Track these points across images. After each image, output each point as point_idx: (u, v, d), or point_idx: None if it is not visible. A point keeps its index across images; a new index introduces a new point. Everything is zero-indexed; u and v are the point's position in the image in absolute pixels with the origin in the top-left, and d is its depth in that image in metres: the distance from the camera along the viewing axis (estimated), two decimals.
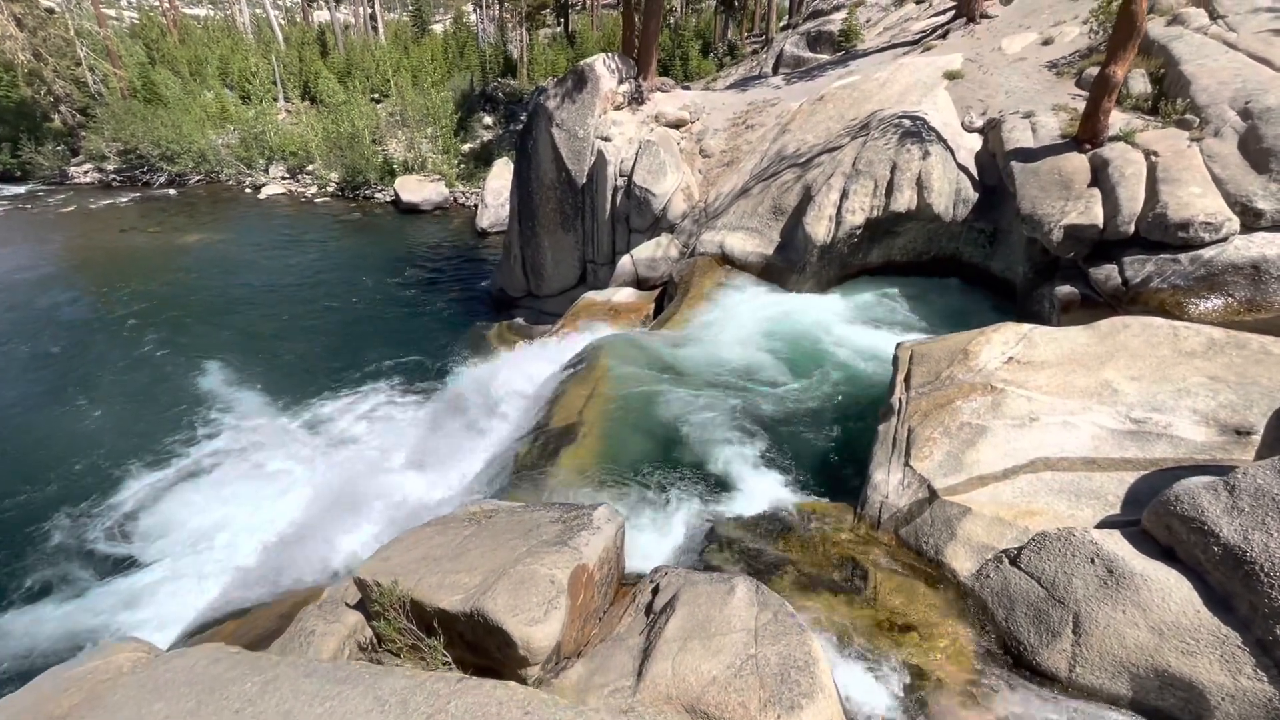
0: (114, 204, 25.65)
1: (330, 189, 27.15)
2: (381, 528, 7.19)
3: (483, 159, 27.40)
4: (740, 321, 9.37)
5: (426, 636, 3.84)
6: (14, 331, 15.30)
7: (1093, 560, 3.77)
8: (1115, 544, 3.81)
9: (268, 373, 13.48)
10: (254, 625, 6.66)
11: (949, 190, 9.76)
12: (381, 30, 41.37)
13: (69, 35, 29.29)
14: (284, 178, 28.33)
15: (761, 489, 5.93)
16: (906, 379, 6.13)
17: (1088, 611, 3.62)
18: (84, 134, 28.95)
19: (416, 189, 25.44)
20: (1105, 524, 4.22)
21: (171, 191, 27.47)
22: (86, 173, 28.69)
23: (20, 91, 28.90)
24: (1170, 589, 3.47)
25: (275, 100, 32.83)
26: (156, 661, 2.61)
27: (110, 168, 28.59)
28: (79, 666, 2.80)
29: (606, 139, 12.70)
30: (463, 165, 27.50)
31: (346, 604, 4.36)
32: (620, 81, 13.48)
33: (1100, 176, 8.11)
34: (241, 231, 22.72)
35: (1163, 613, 3.42)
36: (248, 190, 27.63)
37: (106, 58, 30.41)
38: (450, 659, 3.85)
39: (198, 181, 28.32)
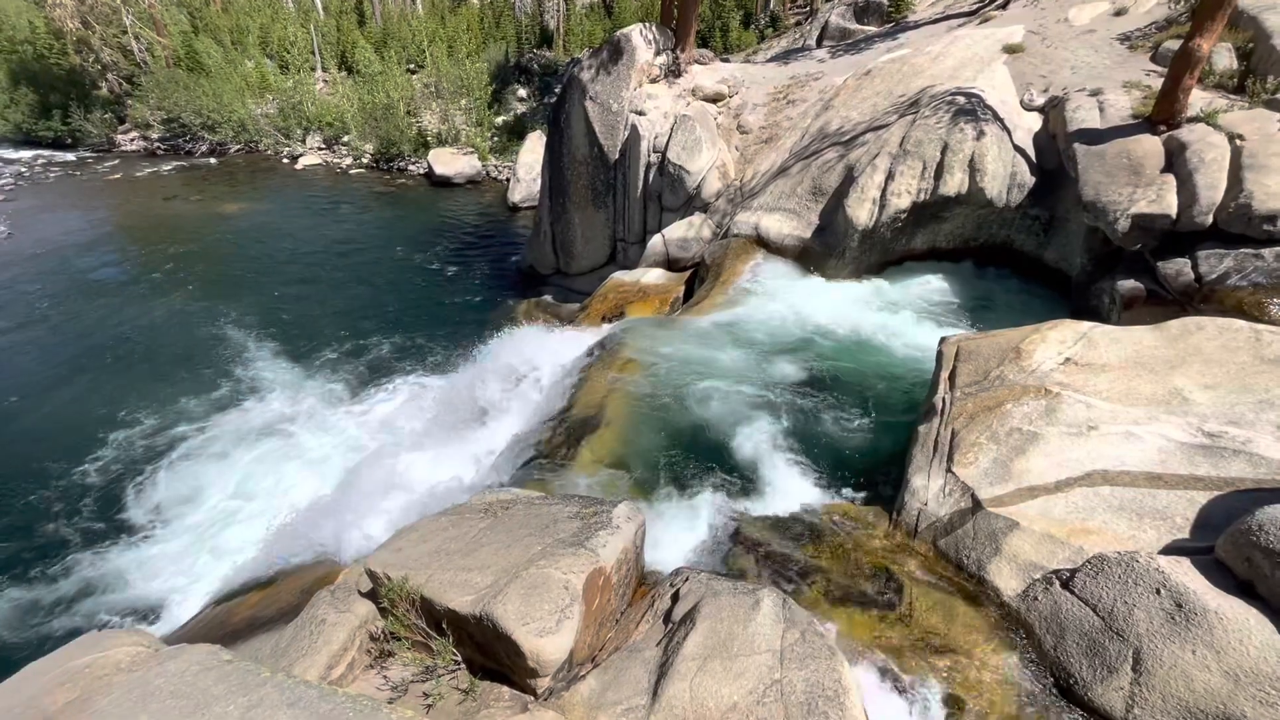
0: (158, 172, 26.18)
1: (365, 160, 27.21)
2: (401, 504, 7.15)
3: (516, 132, 27.03)
4: (773, 309, 9.00)
5: (437, 634, 3.72)
6: (60, 293, 15.79)
7: (1158, 591, 3.42)
8: (1185, 574, 3.46)
9: (297, 341, 13.63)
10: (276, 598, 6.71)
11: (1003, 173, 9.14)
12: (419, 0, 40.95)
13: (115, 3, 29.65)
14: (320, 148, 28.48)
15: (790, 487, 5.66)
16: (951, 377, 5.74)
17: (1151, 648, 3.29)
18: (130, 102, 29.49)
19: (449, 162, 25.30)
20: (1171, 549, 3.85)
21: (212, 160, 27.90)
22: (132, 140, 29.29)
23: (70, 59, 29.49)
24: (1249, 630, 3.12)
25: (313, 70, 32.90)
26: (151, 661, 2.51)
27: (155, 136, 29.12)
28: (77, 659, 2.72)
29: (641, 113, 12.27)
30: (496, 138, 27.20)
31: (360, 591, 4.26)
32: (657, 53, 12.97)
33: (1176, 161, 7.45)
34: (279, 202, 22.98)
35: (1240, 656, 3.08)
36: (285, 160, 27.88)
37: (151, 25, 30.80)
38: (460, 658, 3.72)
39: (237, 151, 28.70)
